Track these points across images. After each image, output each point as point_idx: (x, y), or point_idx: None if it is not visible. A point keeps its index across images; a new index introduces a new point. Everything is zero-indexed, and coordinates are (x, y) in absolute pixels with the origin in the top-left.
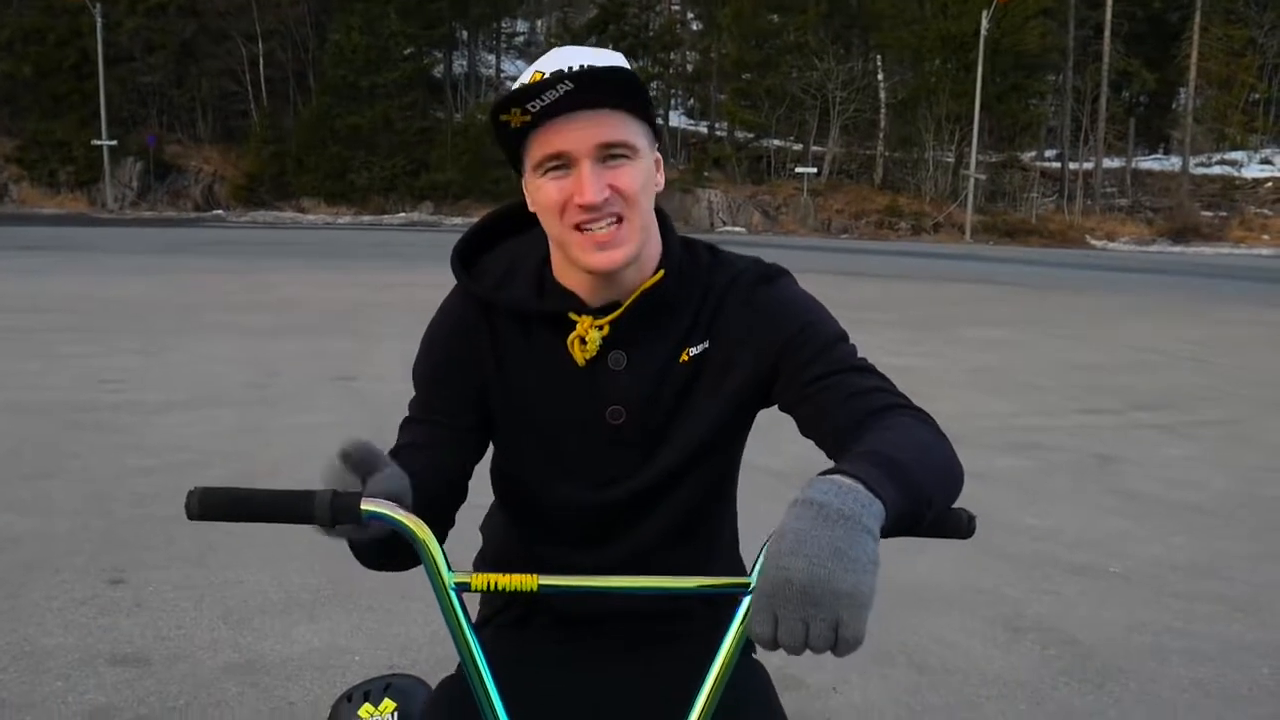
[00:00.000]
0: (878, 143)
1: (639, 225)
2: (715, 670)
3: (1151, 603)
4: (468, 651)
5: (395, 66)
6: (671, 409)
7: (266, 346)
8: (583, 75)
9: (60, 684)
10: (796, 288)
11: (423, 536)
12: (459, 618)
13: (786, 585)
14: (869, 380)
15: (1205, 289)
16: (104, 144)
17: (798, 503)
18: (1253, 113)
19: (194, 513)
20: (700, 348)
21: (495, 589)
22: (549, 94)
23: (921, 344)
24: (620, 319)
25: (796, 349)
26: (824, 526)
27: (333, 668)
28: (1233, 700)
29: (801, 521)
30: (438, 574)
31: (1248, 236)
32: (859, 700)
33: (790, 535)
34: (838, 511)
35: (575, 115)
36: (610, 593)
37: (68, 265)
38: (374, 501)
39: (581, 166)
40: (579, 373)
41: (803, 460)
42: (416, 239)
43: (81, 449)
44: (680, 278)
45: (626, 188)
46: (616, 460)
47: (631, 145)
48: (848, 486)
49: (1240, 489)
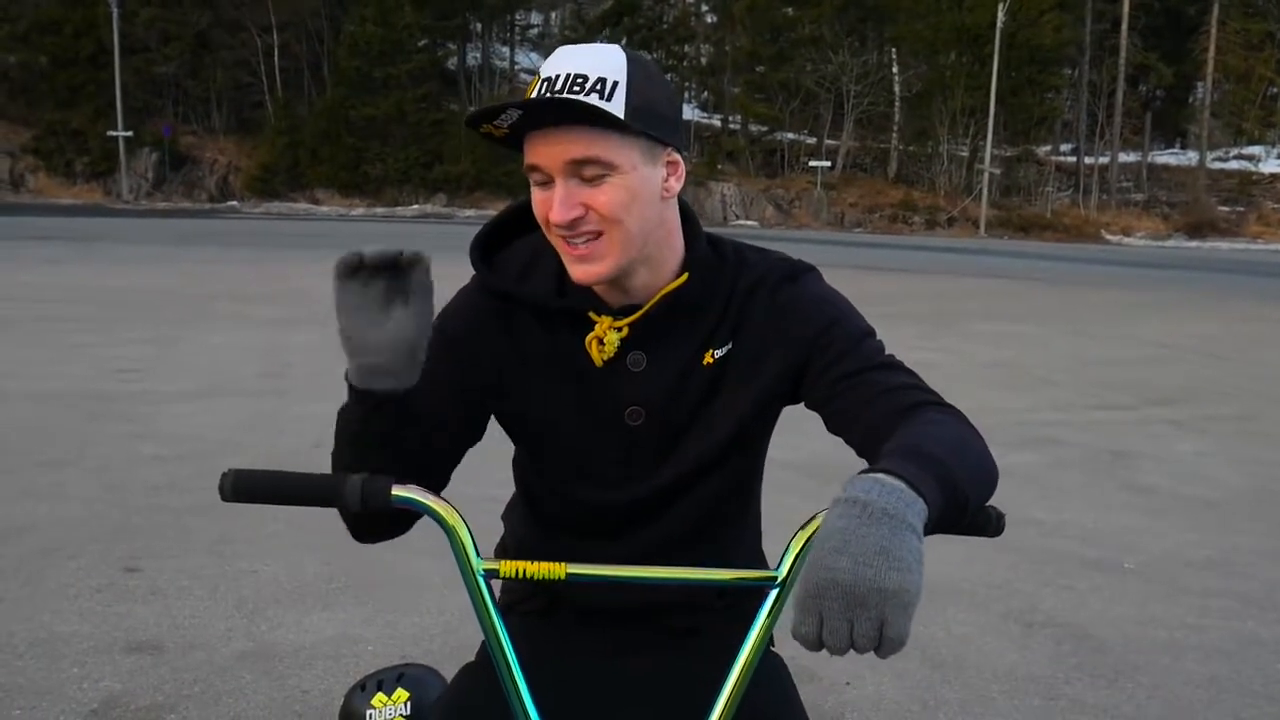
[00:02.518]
0: (892, 136)
1: (622, 240)
2: (740, 663)
3: (1165, 598)
4: (495, 638)
5: (409, 58)
6: (694, 410)
7: (280, 337)
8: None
9: (76, 670)
10: (822, 284)
11: (452, 522)
12: (487, 604)
13: (832, 585)
14: (899, 377)
15: (1221, 284)
16: (120, 135)
17: (840, 501)
18: (1270, 107)
19: (227, 494)
20: (724, 349)
21: (523, 576)
22: (510, 113)
23: (935, 339)
24: (640, 321)
25: (824, 346)
26: (869, 525)
27: (346, 657)
28: (1247, 696)
29: (845, 520)
30: (466, 560)
31: (1265, 232)
32: (872, 694)
33: (835, 534)
34: (882, 510)
35: (549, 130)
36: (637, 582)
37: (83, 255)
38: (404, 487)
39: (556, 183)
40: (597, 373)
41: (822, 456)
42: (430, 231)
43: (97, 438)
44: (705, 280)
45: (602, 207)
46: (635, 460)
47: (606, 162)
48: (891, 485)
49: (1254, 484)
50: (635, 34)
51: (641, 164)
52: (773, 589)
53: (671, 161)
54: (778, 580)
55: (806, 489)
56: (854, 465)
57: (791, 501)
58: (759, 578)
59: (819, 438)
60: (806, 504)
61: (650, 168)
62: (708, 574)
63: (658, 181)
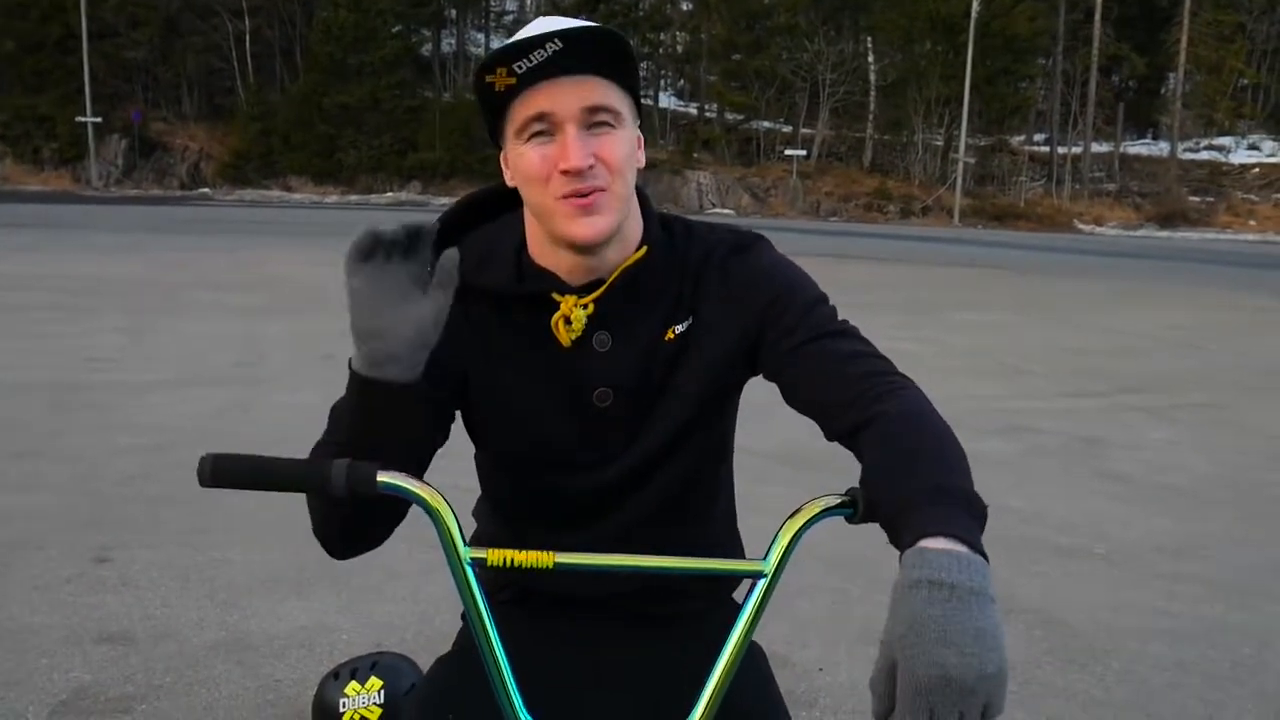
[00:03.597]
0: (867, 125)
1: (622, 196)
2: (726, 655)
3: (1136, 584)
4: (481, 626)
5: (383, 44)
6: (659, 388)
7: (254, 325)
8: (572, 35)
9: (45, 662)
10: (772, 253)
11: (439, 510)
12: (474, 593)
13: (943, 682)
14: (850, 344)
15: (1192, 274)
16: (88, 121)
17: (924, 584)
18: (1241, 98)
19: (205, 479)
20: (684, 325)
21: (511, 565)
22: (537, 54)
23: (909, 327)
24: (604, 297)
25: (776, 316)
26: (962, 610)
27: (320, 646)
28: (1214, 680)
29: (936, 607)
30: (453, 549)
31: (1234, 222)
32: (844, 679)
33: (931, 624)
34: (967, 589)
35: (562, 78)
36: (626, 571)
37: (53, 243)
38: (390, 473)
39: (566, 130)
40: (564, 355)
41: (793, 443)
42: (404, 218)
43: (67, 428)
44: (662, 255)
45: (611, 156)
46: (604, 442)
47: (617, 112)
48: (964, 557)
49: (1224, 472)
50: (611, 20)
51: (630, 124)
52: (760, 580)
53: (638, 135)
54: (764, 572)
55: (780, 476)
56: (828, 452)
57: (765, 490)
58: (748, 569)
59: (789, 425)
60: (781, 491)
61: (634, 129)
62: (697, 564)
63: (636, 147)
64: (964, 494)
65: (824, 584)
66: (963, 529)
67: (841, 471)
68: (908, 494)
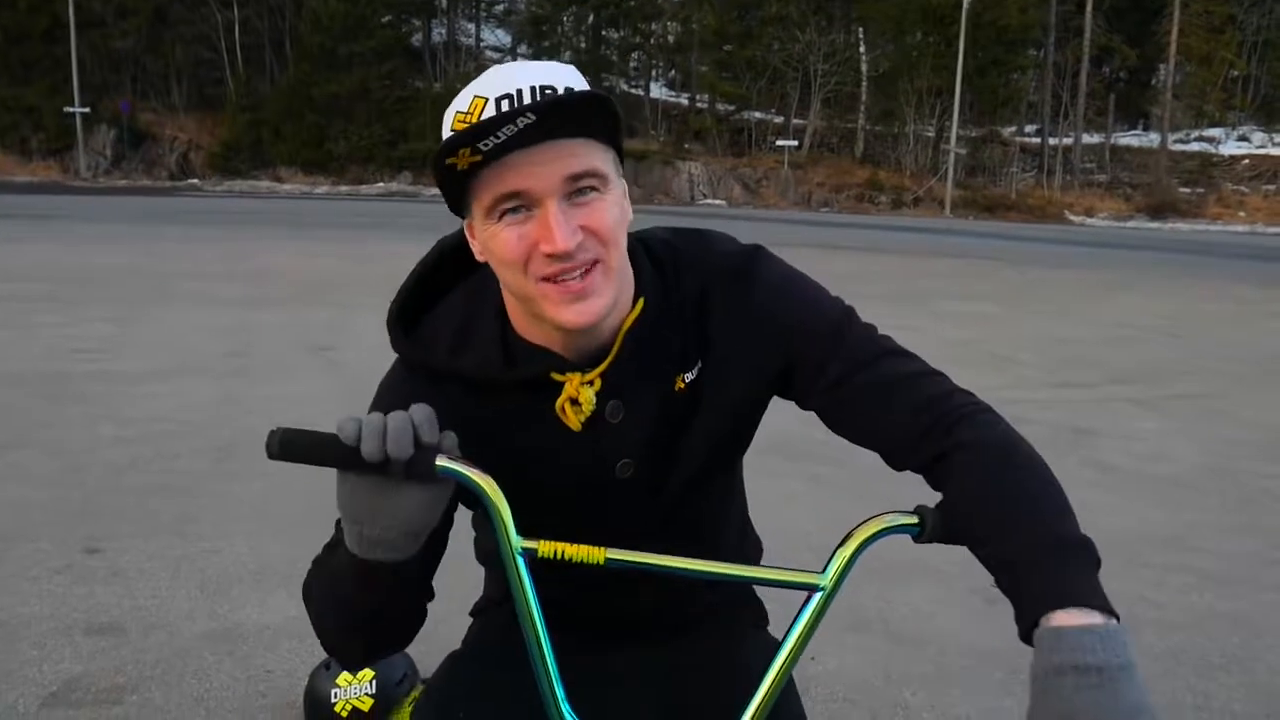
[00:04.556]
0: (859, 116)
1: (617, 267)
2: (777, 665)
3: (1125, 574)
4: (529, 615)
5: (373, 34)
6: (676, 440)
7: (243, 317)
8: (546, 105)
9: (35, 653)
10: (772, 268)
11: (494, 497)
12: (524, 582)
13: None
14: (895, 366)
15: (1181, 265)
16: (76, 111)
17: (1069, 669)
18: (1231, 90)
19: (275, 452)
20: (694, 371)
21: (562, 558)
22: (506, 129)
23: (900, 317)
24: (610, 367)
25: (802, 349)
26: (1113, 693)
27: (311, 636)
28: (1203, 668)
29: (1088, 694)
30: (506, 538)
31: (1224, 213)
32: (835, 669)
33: (1087, 713)
34: (1116, 667)
35: (535, 147)
36: (678, 574)
37: (41, 234)
38: (448, 459)
39: (546, 207)
40: (576, 437)
41: (787, 433)
42: (394, 210)
43: (56, 419)
44: (658, 302)
45: (601, 226)
46: (627, 509)
47: (602, 175)
48: (1104, 631)
49: (1212, 462)
50: (603, 10)
51: (616, 180)
52: (816, 593)
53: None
54: (821, 585)
55: (774, 468)
56: (822, 443)
57: (759, 482)
58: (804, 581)
59: (783, 414)
60: (774, 483)
61: (620, 185)
62: (751, 572)
63: (626, 203)
64: (1082, 544)
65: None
66: (1094, 592)
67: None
68: (1022, 546)
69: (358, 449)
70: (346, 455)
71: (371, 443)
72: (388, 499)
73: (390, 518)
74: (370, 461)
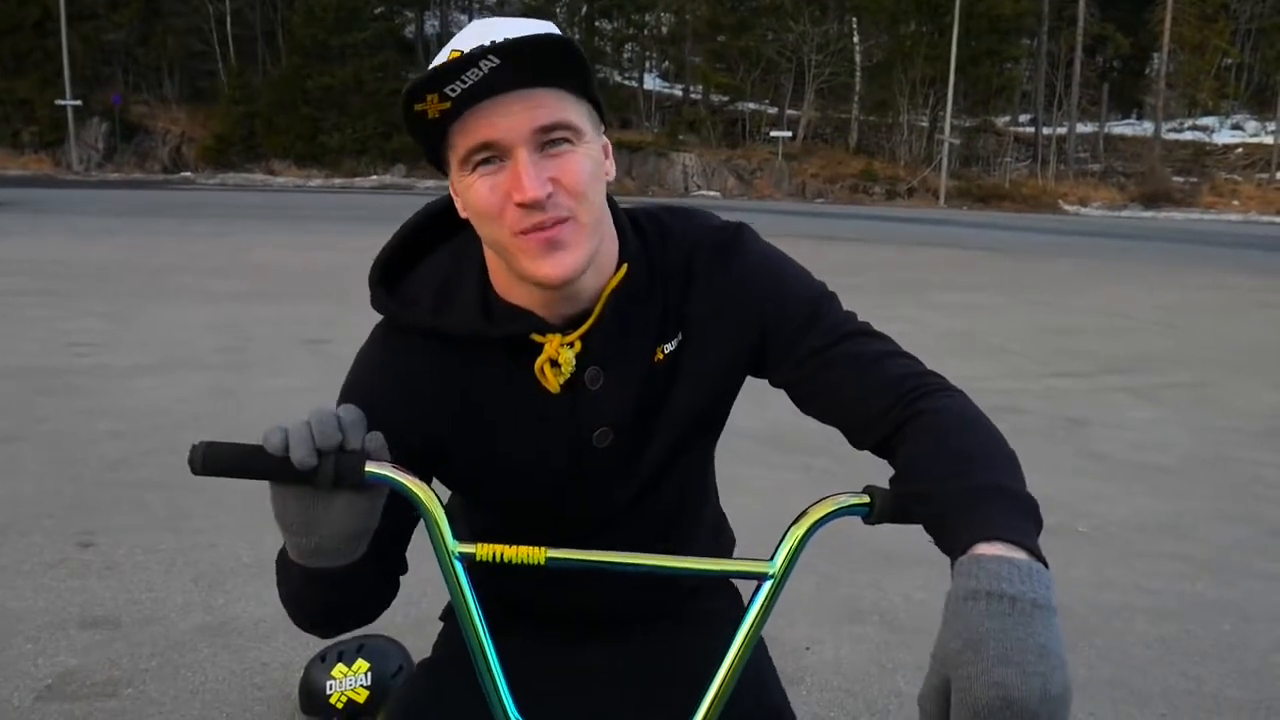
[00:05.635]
0: (853, 106)
1: (591, 223)
2: (730, 657)
3: (1118, 562)
4: (470, 622)
5: (366, 26)
6: (656, 413)
7: (238, 310)
8: (509, 47)
9: (30, 646)
10: (757, 245)
11: (428, 503)
12: (463, 588)
13: (1004, 705)
14: (871, 345)
15: (1175, 254)
16: (68, 104)
17: (981, 595)
18: (1224, 78)
19: (197, 467)
20: (674, 342)
21: (500, 560)
22: (471, 73)
23: (894, 308)
24: (591, 330)
25: (776, 322)
26: (1023, 624)
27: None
28: (1196, 656)
29: (997, 620)
30: (442, 543)
31: (1218, 202)
32: (831, 658)
33: (992, 641)
34: (1030, 601)
35: (504, 96)
36: (620, 569)
37: (34, 227)
38: (378, 464)
39: (517, 157)
40: (554, 400)
41: (782, 425)
42: (388, 202)
43: (50, 413)
44: (642, 268)
45: (572, 178)
46: (603, 480)
47: (574, 127)
48: (1024, 564)
49: (1205, 451)
50: (596, 1)
51: (592, 135)
52: (766, 581)
53: (605, 143)
54: (770, 574)
55: (768, 459)
56: (814, 434)
57: (754, 472)
58: (753, 570)
59: (778, 406)
60: (769, 474)
61: (597, 140)
62: (697, 563)
63: (603, 159)
64: (1022, 498)
65: (810, 563)
66: (1022, 533)
67: (825, 452)
68: (958, 492)
69: (286, 459)
70: (272, 467)
71: (299, 451)
72: (320, 508)
73: (327, 526)
74: (300, 470)
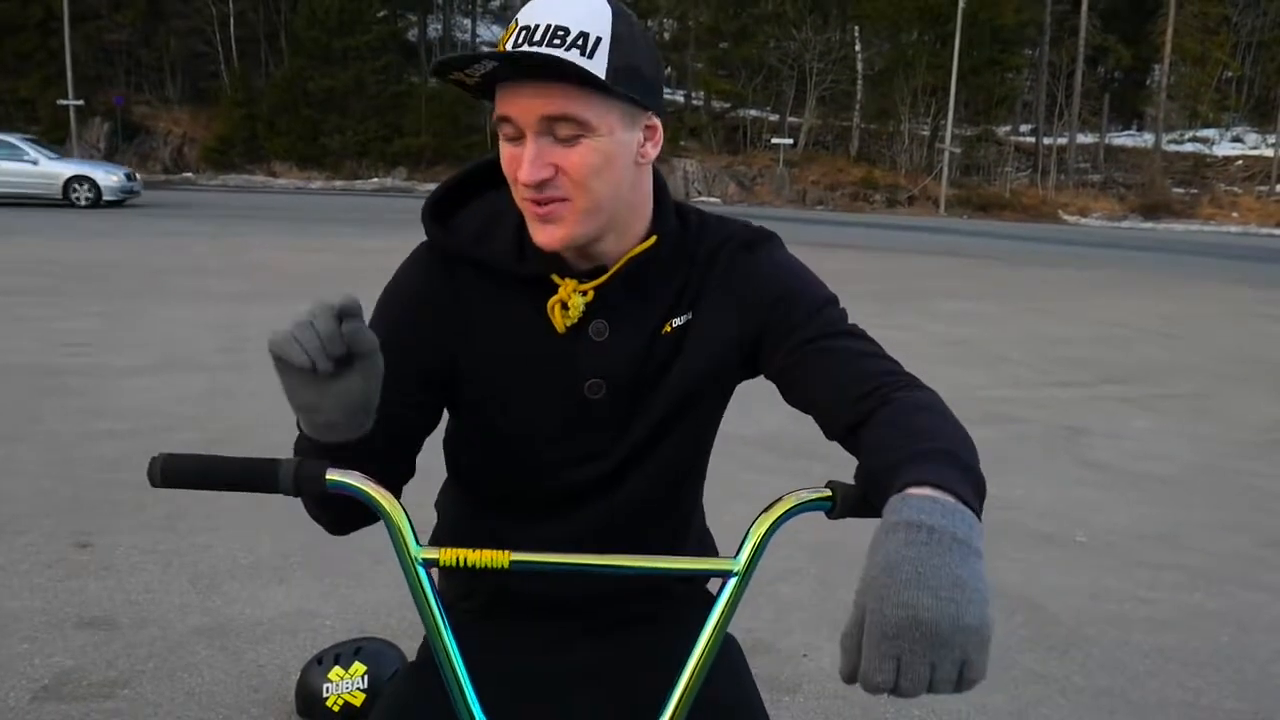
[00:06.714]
0: (854, 114)
1: (588, 208)
2: (696, 655)
3: (1116, 571)
4: (434, 627)
5: (368, 29)
6: (652, 383)
7: (237, 311)
8: (520, 51)
9: (27, 646)
10: (782, 252)
11: (389, 509)
12: (427, 595)
13: (913, 625)
14: (862, 345)
15: (1175, 265)
16: (70, 104)
17: (901, 525)
18: (1225, 90)
19: (156, 480)
20: (684, 319)
21: (464, 565)
22: (482, 64)
23: (894, 316)
24: (606, 285)
25: (780, 314)
26: (940, 553)
27: (303, 631)
28: (1193, 666)
29: (914, 549)
30: (405, 549)
31: (1217, 214)
32: (828, 665)
33: (905, 564)
34: (950, 535)
35: (522, 83)
36: (586, 570)
37: (33, 226)
38: (340, 472)
39: (526, 139)
40: (558, 341)
41: (780, 431)
42: (389, 205)
43: (47, 413)
44: (670, 246)
45: (574, 169)
46: (589, 436)
47: (583, 121)
48: (950, 505)
49: (1205, 461)
50: None
51: (619, 127)
52: (731, 578)
53: (650, 126)
54: (734, 571)
55: (765, 464)
56: (814, 441)
57: (750, 477)
58: (717, 568)
59: (777, 412)
60: (765, 479)
61: (628, 132)
62: (661, 563)
63: (634, 146)
64: (966, 466)
65: (807, 570)
66: (954, 482)
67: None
68: (904, 457)
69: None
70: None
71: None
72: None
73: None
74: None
